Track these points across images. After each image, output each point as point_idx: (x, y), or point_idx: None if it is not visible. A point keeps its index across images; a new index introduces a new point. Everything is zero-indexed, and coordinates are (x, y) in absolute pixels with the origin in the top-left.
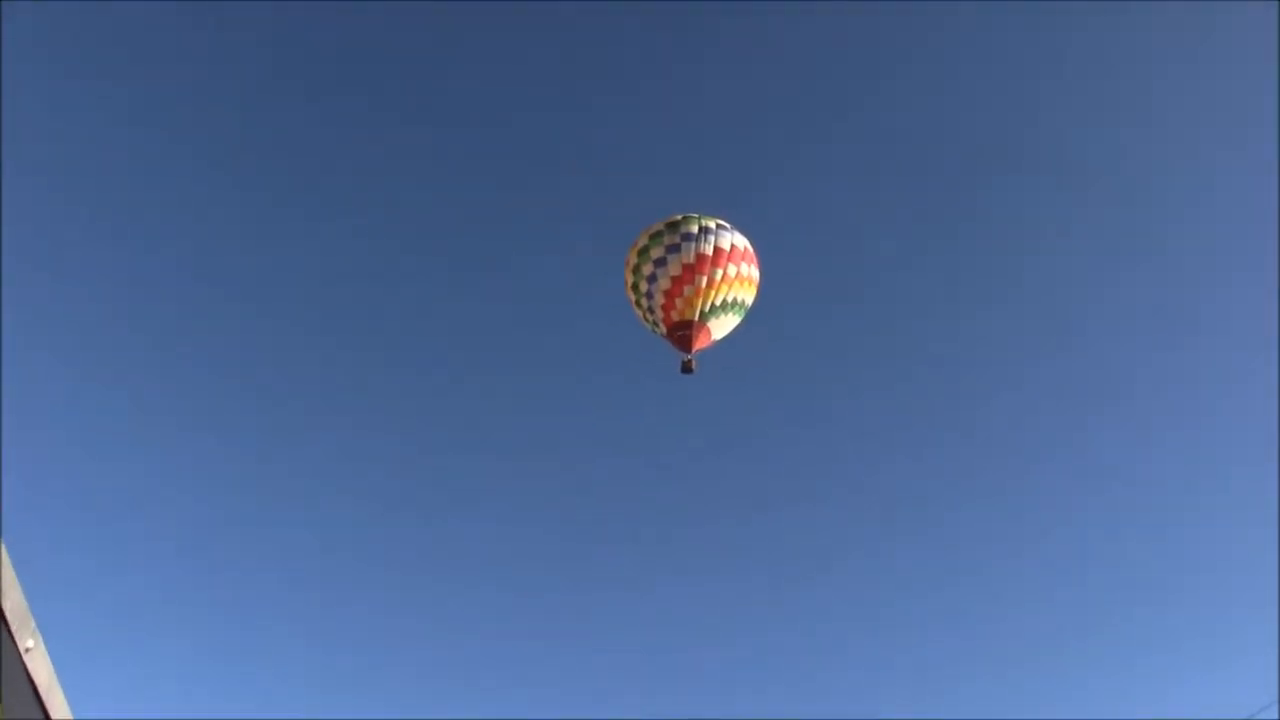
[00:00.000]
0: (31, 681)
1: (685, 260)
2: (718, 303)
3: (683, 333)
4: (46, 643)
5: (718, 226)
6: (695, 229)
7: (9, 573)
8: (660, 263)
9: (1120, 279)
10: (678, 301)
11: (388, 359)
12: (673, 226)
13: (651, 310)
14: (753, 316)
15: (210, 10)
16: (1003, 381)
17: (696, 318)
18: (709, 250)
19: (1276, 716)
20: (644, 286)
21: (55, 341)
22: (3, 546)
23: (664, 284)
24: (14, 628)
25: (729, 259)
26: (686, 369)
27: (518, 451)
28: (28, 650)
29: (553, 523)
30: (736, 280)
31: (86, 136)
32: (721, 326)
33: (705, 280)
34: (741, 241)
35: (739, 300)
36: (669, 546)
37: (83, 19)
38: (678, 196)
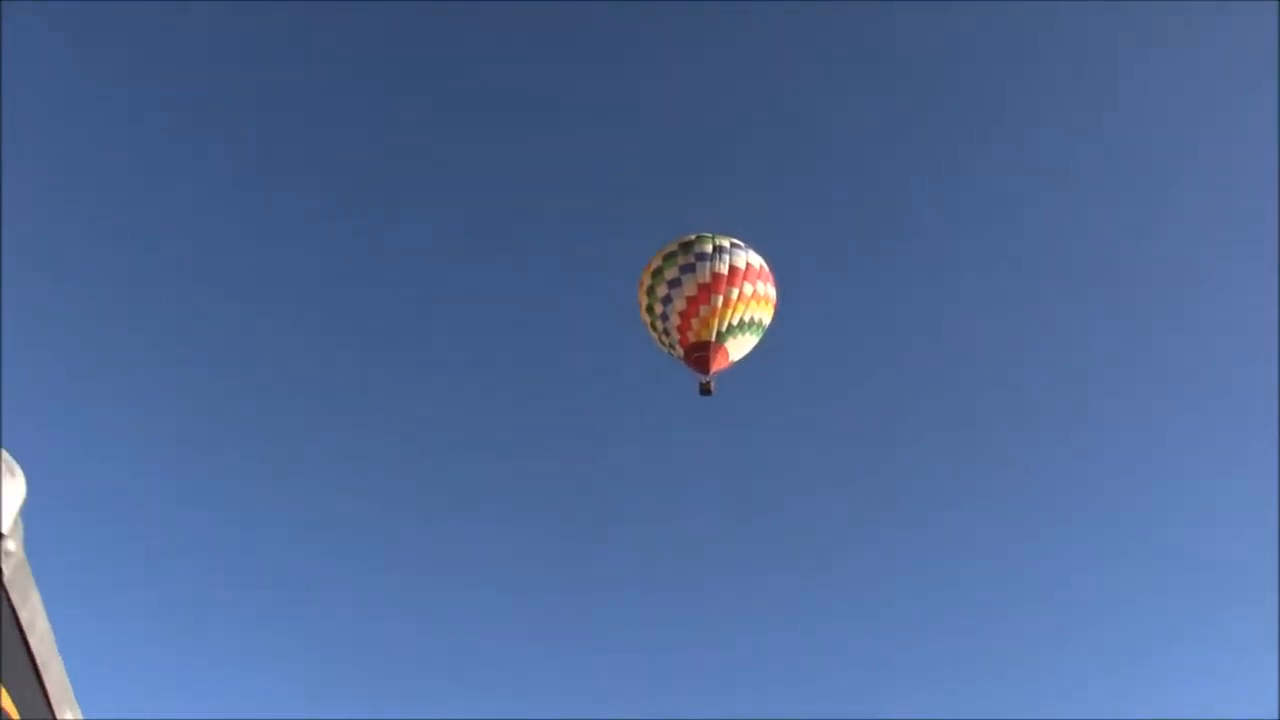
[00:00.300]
0: None
1: (701, 280)
2: (735, 322)
3: (700, 354)
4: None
5: (732, 245)
6: (710, 248)
7: (51, 646)
8: (675, 283)
9: (1120, 278)
10: (694, 322)
11: (388, 360)
12: (686, 246)
13: (667, 332)
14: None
15: (210, 10)
16: (1002, 380)
17: (714, 338)
18: (724, 269)
19: (1277, 717)
20: (658, 308)
21: (55, 341)
22: (48, 618)
23: (679, 304)
24: (54, 699)
25: (745, 277)
26: (705, 391)
27: (518, 452)
28: None
29: (553, 523)
30: (754, 299)
31: (87, 136)
32: (739, 347)
33: (721, 300)
34: (757, 260)
35: (756, 320)
36: (670, 547)
37: (83, 19)
38: (689, 210)
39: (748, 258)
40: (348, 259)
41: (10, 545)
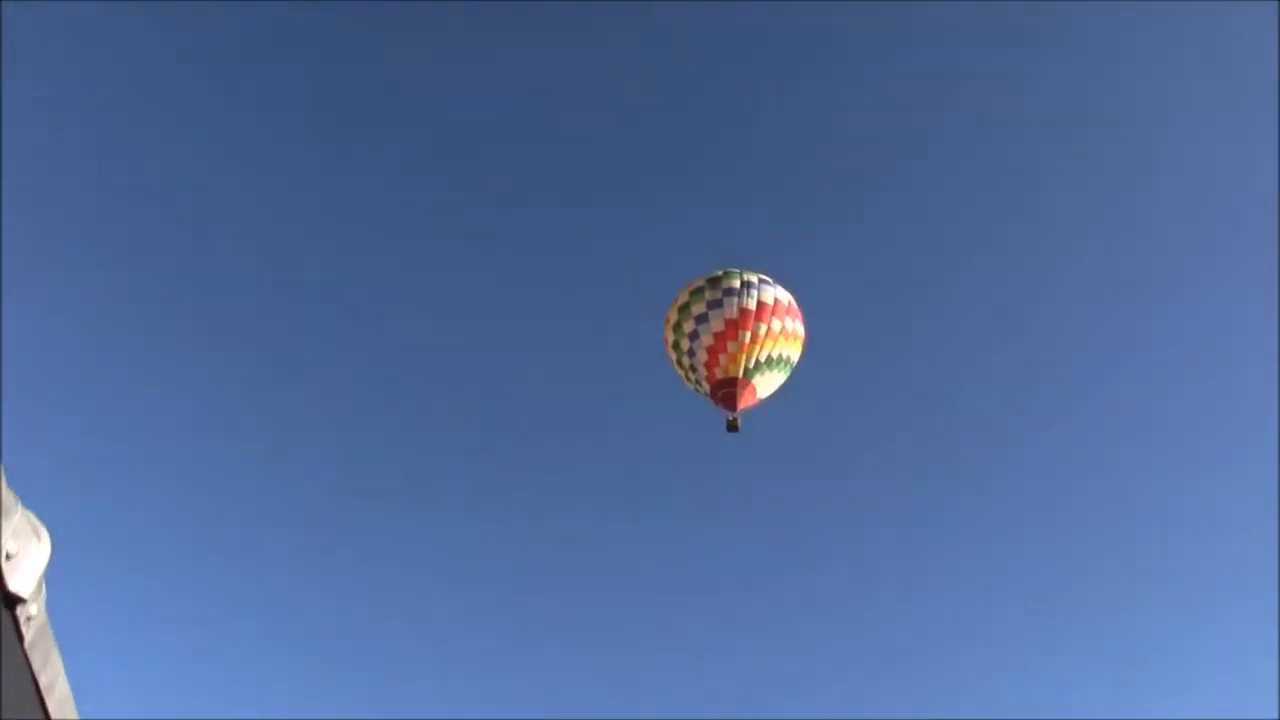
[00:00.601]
0: None
1: (729, 315)
2: (762, 359)
3: (727, 390)
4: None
5: (760, 280)
6: (737, 283)
7: (71, 709)
8: (702, 319)
9: (1120, 278)
10: (721, 358)
11: (391, 362)
12: (714, 282)
13: (694, 369)
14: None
15: (211, 11)
16: (1000, 379)
17: (741, 375)
18: (752, 305)
19: (1277, 717)
20: (685, 344)
21: (54, 341)
22: (60, 654)
23: (707, 340)
24: None
25: (773, 313)
26: (732, 428)
27: (516, 454)
28: None
29: (556, 524)
30: (781, 336)
31: (87, 136)
32: (767, 384)
33: (749, 336)
34: (785, 296)
35: (785, 357)
36: (668, 549)
37: (83, 19)
38: (711, 248)
39: (776, 293)
40: (353, 261)
41: (33, 609)
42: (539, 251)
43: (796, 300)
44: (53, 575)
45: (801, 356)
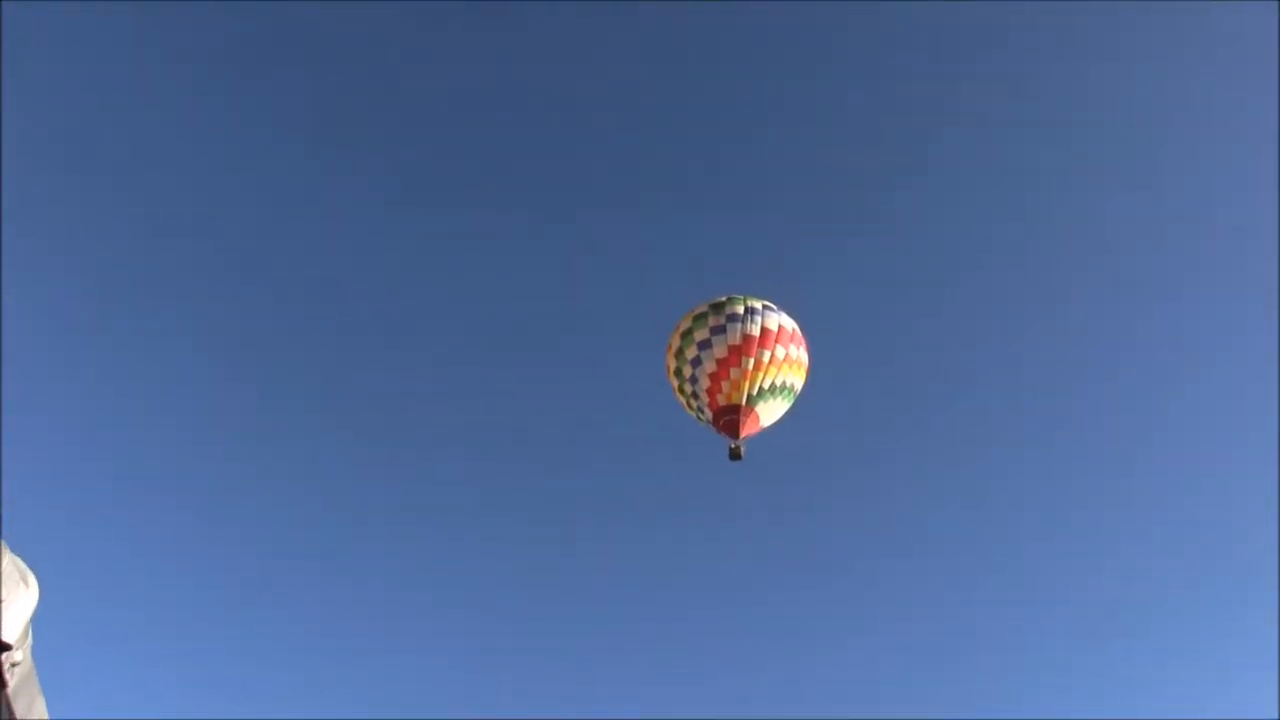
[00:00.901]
0: None
1: (731, 342)
2: (766, 386)
3: (730, 418)
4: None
5: (764, 307)
6: (741, 310)
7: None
8: (705, 345)
9: (1120, 278)
10: (724, 385)
11: (394, 363)
12: (717, 308)
13: (696, 395)
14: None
15: (211, 11)
16: (998, 383)
17: (744, 402)
18: (756, 331)
19: (1277, 717)
20: (687, 371)
21: (55, 341)
22: (45, 700)
23: (709, 367)
24: None
25: (777, 340)
26: (735, 455)
27: (516, 457)
28: None
29: (555, 529)
30: (785, 363)
31: (87, 136)
32: (770, 412)
33: (752, 363)
34: (789, 323)
35: (788, 384)
36: (669, 551)
37: (83, 19)
38: (709, 247)
39: (780, 320)
40: (351, 260)
41: (18, 656)
42: (539, 251)
43: (800, 326)
44: (39, 618)
45: (805, 384)
